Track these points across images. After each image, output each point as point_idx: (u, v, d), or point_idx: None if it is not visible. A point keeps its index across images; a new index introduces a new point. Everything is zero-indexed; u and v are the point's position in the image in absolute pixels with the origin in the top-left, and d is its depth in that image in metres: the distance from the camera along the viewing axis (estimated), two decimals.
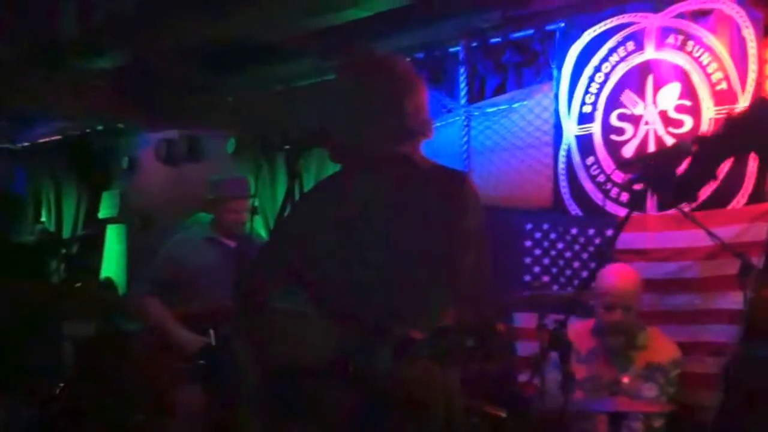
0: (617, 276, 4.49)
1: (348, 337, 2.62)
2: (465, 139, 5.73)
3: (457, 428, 2.78)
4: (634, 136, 5.06)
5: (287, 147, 2.82)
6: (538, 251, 5.38)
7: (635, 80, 5.06)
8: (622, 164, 4.96)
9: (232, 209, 5.26)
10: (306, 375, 2.67)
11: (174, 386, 5.13)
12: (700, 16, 4.83)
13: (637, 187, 4.80)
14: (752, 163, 4.61)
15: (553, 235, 5.34)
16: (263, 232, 6.71)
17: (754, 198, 4.61)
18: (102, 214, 8.02)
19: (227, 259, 5.22)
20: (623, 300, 4.48)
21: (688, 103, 4.85)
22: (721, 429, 4.23)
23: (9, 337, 7.56)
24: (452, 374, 2.76)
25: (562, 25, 5.36)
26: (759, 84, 4.61)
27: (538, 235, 5.39)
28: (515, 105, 5.57)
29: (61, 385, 6.63)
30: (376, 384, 2.57)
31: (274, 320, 2.84)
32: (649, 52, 5.01)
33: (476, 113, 5.72)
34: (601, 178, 5.19)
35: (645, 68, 5.02)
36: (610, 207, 5.10)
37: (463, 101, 5.78)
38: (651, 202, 4.90)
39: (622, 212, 5.00)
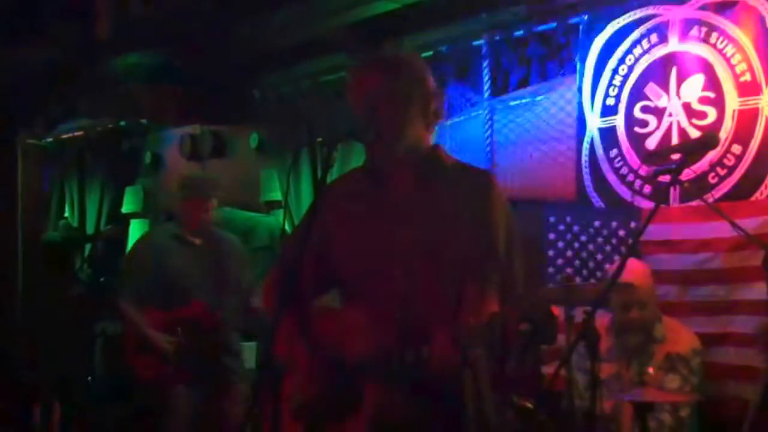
0: (629, 274, 4.46)
1: (394, 331, 2.66)
2: (488, 132, 5.74)
3: (489, 418, 2.82)
4: (657, 128, 5.07)
5: (321, 140, 2.85)
6: (561, 244, 5.40)
7: (659, 72, 5.06)
8: (647, 156, 4.97)
9: (197, 208, 5.33)
10: (355, 368, 2.71)
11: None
12: (724, 7, 4.84)
13: (662, 179, 4.83)
14: None
15: (576, 228, 5.36)
16: (288, 227, 6.74)
17: None
18: (125, 209, 8.05)
19: (193, 254, 5.35)
20: (638, 298, 4.48)
21: (711, 94, 4.85)
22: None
23: (40, 333, 7.65)
24: (483, 364, 2.80)
25: (586, 17, 5.38)
26: None
27: (561, 227, 5.40)
28: (539, 98, 5.57)
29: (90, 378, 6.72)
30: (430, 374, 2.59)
31: (320, 314, 2.89)
32: (673, 44, 5.01)
33: (500, 106, 5.72)
34: (625, 171, 5.20)
35: (669, 60, 5.02)
36: (634, 199, 5.11)
37: (486, 94, 5.78)
38: (674, 193, 4.91)
39: (645, 204, 5.02)
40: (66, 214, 8.93)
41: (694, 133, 4.88)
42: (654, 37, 5.09)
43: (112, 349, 6.89)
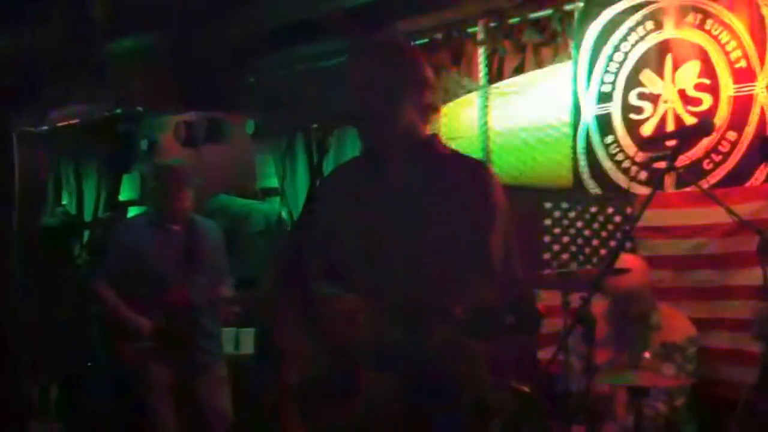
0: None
1: (388, 319, 2.68)
2: (484, 119, 5.76)
3: (486, 403, 2.85)
4: (652, 114, 5.08)
5: (316, 125, 2.87)
6: (557, 230, 5.42)
7: (654, 59, 5.07)
8: (642, 143, 4.99)
9: (173, 198, 5.34)
10: (352, 353, 2.73)
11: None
12: None
13: (658, 165, 4.85)
14: None
15: (572, 214, 5.38)
16: (284, 213, 6.76)
17: None
18: (123, 196, 8.08)
19: (173, 241, 5.35)
20: (639, 293, 4.54)
21: (707, 81, 4.87)
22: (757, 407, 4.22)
23: (38, 317, 7.66)
24: (481, 350, 2.83)
25: (581, 4, 5.37)
26: None
27: (557, 213, 5.43)
28: (534, 85, 5.58)
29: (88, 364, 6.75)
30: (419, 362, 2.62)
31: (318, 304, 2.91)
32: (668, 31, 5.02)
33: (495, 93, 5.74)
34: (620, 157, 5.21)
35: (664, 47, 5.04)
36: (629, 185, 5.12)
37: (482, 81, 5.80)
38: (669, 180, 4.93)
39: (641, 191, 5.04)
40: (64, 202, 8.94)
41: (690, 120, 4.90)
42: (649, 24, 5.10)
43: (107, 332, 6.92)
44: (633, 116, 5.16)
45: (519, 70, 5.72)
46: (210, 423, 5.39)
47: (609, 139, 5.26)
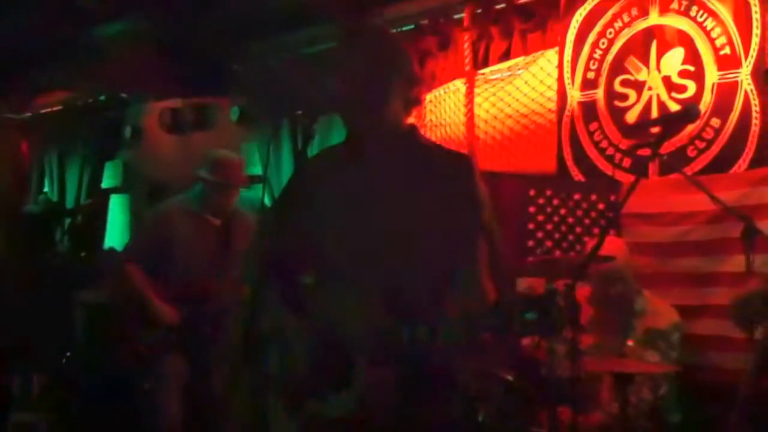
0: (609, 252, 4.49)
1: (369, 307, 2.68)
2: (470, 105, 5.75)
3: (469, 393, 2.85)
4: (637, 101, 5.09)
5: (301, 111, 2.86)
6: (541, 217, 5.41)
7: (639, 46, 5.08)
8: (627, 130, 5.00)
9: (225, 194, 5.25)
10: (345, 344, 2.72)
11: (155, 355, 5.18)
12: None
13: (642, 152, 4.86)
14: (754, 128, 4.66)
15: (556, 201, 5.38)
16: (267, 200, 6.74)
17: (756, 162, 4.66)
18: (106, 183, 8.04)
19: (211, 236, 5.26)
20: (618, 274, 4.52)
21: (691, 68, 4.88)
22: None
23: (20, 305, 7.63)
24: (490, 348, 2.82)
25: None
26: (762, 48, 4.64)
27: (541, 200, 5.42)
28: (519, 71, 5.58)
29: (68, 354, 6.72)
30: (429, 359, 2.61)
31: (307, 289, 2.89)
32: (653, 18, 5.03)
33: (481, 80, 5.73)
34: (604, 144, 5.22)
35: (649, 34, 5.04)
36: (613, 172, 5.13)
37: (467, 68, 5.78)
38: (654, 166, 4.94)
39: (625, 177, 5.05)
40: (45, 189, 8.91)
41: (674, 107, 4.91)
42: (634, 11, 5.11)
43: (92, 319, 6.88)
44: (617, 103, 5.17)
45: (505, 56, 5.71)
46: (225, 420, 5.27)
47: (593, 125, 5.26)
